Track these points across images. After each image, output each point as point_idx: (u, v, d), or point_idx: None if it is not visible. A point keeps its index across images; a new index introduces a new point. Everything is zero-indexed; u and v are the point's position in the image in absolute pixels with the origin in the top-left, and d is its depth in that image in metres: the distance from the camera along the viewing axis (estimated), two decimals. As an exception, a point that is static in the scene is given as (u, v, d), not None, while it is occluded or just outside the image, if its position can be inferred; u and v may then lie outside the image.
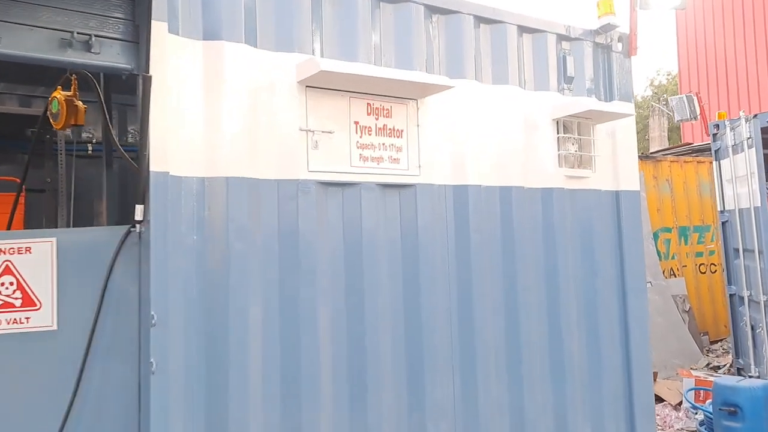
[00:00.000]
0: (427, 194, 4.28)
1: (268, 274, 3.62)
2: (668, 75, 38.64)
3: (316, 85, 3.84)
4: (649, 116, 24.18)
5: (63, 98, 3.80)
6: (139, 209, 3.18)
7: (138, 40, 3.27)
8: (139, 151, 3.20)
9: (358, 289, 3.92)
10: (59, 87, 3.87)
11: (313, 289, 3.75)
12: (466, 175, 4.46)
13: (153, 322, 3.08)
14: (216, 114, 3.52)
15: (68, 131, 4.91)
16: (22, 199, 4.55)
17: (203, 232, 3.45)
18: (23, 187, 4.58)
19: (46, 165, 5.14)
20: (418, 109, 4.29)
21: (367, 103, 4.07)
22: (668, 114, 20.34)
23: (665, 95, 30.53)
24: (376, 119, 4.11)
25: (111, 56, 3.20)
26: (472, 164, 4.49)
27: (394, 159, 4.17)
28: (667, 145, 20.73)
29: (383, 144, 4.12)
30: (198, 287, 3.39)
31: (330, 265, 3.84)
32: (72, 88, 3.82)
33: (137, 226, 3.21)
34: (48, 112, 3.94)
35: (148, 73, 3.15)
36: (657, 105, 23.60)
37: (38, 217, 5.14)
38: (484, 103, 4.60)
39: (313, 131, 3.83)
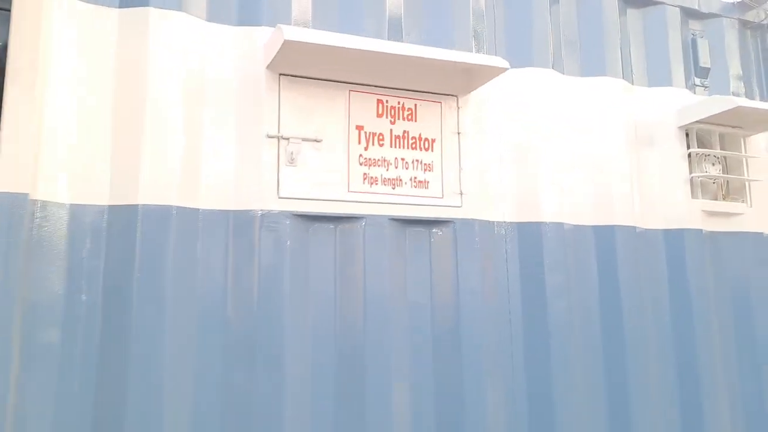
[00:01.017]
0: (473, 235, 2.81)
1: (198, 360, 2.30)
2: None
3: (294, 71, 2.59)
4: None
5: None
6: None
7: (9, 6, 2.21)
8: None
9: (356, 395, 2.49)
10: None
11: (278, 393, 2.37)
12: (539, 207, 2.94)
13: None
14: (128, 113, 2.35)
15: None
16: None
17: (96, 287, 2.23)
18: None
19: None
20: (458, 109, 2.88)
21: (378, 100, 2.74)
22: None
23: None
24: (392, 123, 2.75)
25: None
26: (549, 192, 2.97)
27: (421, 182, 2.76)
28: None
29: (402, 159, 2.74)
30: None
31: (310, 354, 2.47)
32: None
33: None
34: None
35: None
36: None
37: None
38: (567, 101, 3.10)
39: (287, 138, 2.55)
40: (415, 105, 2.80)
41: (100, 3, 2.39)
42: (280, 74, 2.57)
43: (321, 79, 2.64)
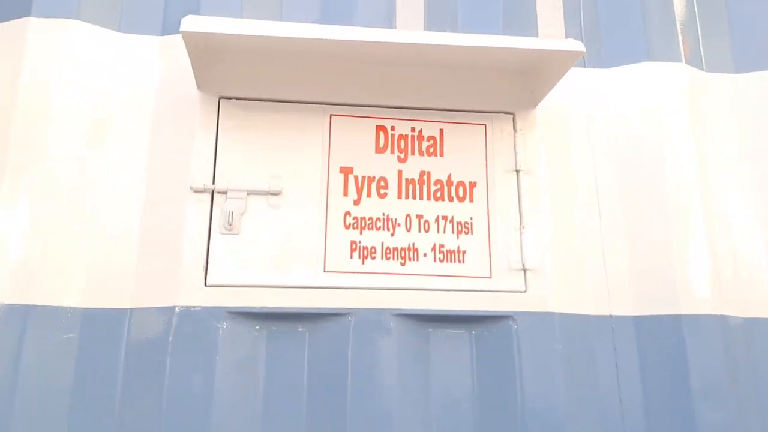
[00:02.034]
0: (551, 339, 1.64)
1: None
2: None
3: (241, 92, 1.70)
4: None
5: None
6: None
7: None
8: None
9: None
10: None
11: None
12: (677, 291, 1.69)
13: None
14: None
15: None
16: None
17: None
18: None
19: None
20: (516, 133, 1.78)
21: (377, 127, 1.75)
22: None
23: None
24: (402, 160, 1.73)
25: None
26: (695, 265, 1.71)
27: (451, 252, 1.68)
28: None
29: (420, 217, 1.70)
30: None
31: None
32: None
33: None
34: None
35: None
36: None
37: None
38: (713, 110, 1.87)
39: (224, 192, 1.63)
40: (441, 131, 1.77)
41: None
42: (220, 97, 1.70)
43: (285, 101, 1.72)
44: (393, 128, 1.75)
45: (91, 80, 1.68)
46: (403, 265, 1.66)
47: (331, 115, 1.73)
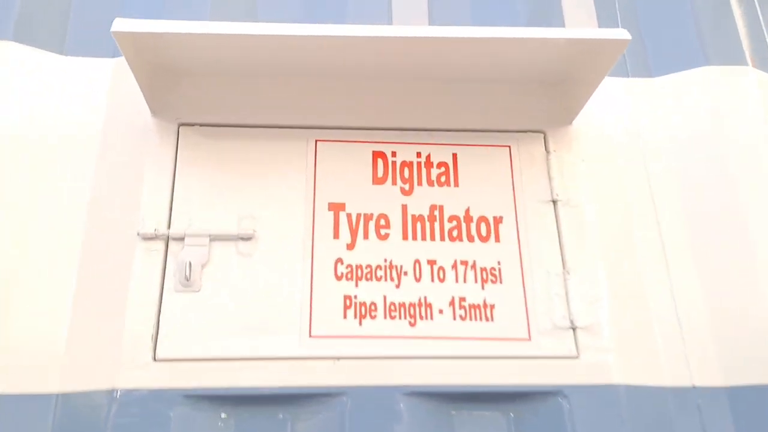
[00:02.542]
0: (614, 417, 1.20)
1: None
2: None
3: (205, 117, 1.38)
4: None
5: None
6: None
7: None
8: None
9: None
10: None
11: None
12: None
13: None
14: None
15: None
16: None
17: None
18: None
19: None
20: (549, 155, 1.42)
21: (375, 154, 1.40)
22: None
23: None
24: (407, 192, 1.38)
25: None
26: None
27: (475, 307, 1.29)
28: None
29: (432, 263, 1.32)
30: None
31: None
32: None
33: None
34: None
35: None
36: None
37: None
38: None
39: (180, 239, 1.28)
40: (454, 156, 1.42)
41: None
42: (180, 124, 1.38)
43: (259, 126, 1.39)
44: (394, 154, 1.40)
45: (26, 107, 1.37)
46: (413, 325, 1.27)
47: (316, 140, 1.39)
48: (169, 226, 1.29)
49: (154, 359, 1.20)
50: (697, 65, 1.52)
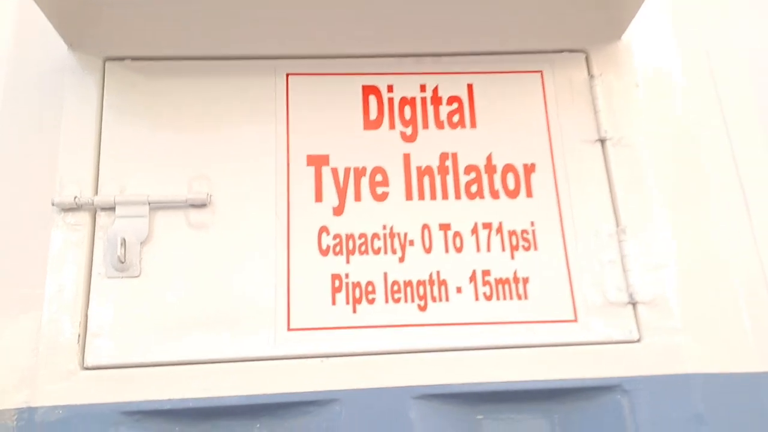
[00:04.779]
0: (693, 422, 0.92)
1: None
2: None
3: (139, 49, 1.05)
4: None
5: None
6: None
7: None
8: None
9: None
10: None
11: None
12: None
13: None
14: None
15: None
16: None
17: None
18: None
19: None
20: (593, 80, 1.10)
21: (364, 88, 1.07)
22: None
23: None
24: (410, 139, 1.05)
25: None
26: None
27: (503, 281, 0.98)
28: None
29: (445, 227, 1.01)
30: None
31: None
32: None
33: None
34: None
35: None
36: None
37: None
38: None
39: (111, 207, 0.97)
40: (469, 87, 1.10)
41: None
42: (106, 58, 1.05)
43: (212, 58, 1.07)
44: (390, 88, 1.08)
45: None
46: (423, 309, 0.97)
47: (287, 74, 1.07)
48: (95, 192, 0.98)
49: (82, 367, 0.92)
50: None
